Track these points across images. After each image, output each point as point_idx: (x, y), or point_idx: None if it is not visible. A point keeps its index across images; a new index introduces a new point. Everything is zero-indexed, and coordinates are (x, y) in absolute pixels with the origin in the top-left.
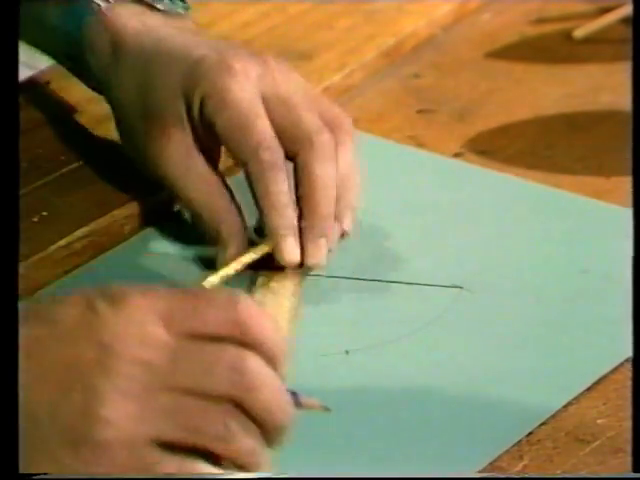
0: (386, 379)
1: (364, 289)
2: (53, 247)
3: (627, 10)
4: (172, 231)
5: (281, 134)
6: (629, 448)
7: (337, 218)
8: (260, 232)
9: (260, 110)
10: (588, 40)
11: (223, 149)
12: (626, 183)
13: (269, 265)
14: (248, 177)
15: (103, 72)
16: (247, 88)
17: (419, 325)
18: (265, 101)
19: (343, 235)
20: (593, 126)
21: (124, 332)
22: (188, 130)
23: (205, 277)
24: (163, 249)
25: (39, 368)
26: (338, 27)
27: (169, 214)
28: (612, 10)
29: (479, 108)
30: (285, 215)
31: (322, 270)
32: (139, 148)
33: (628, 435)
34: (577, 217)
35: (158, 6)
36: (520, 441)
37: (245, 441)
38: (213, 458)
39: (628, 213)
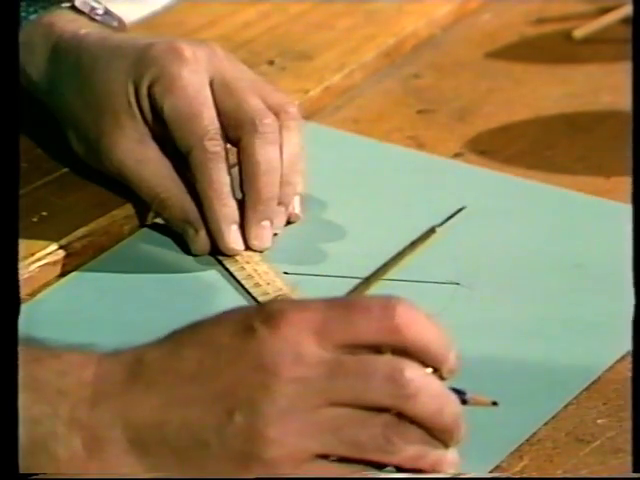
0: None
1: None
2: (53, 247)
3: (627, 10)
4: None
5: (225, 118)
6: (629, 448)
7: (282, 202)
8: None
9: (207, 98)
10: (588, 40)
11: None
12: (626, 183)
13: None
14: (191, 165)
15: (40, 74)
16: (196, 74)
17: None
18: (211, 86)
19: (291, 219)
20: (593, 126)
21: (281, 352)
22: (139, 117)
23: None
24: (164, 247)
25: (203, 390)
26: (338, 27)
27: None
28: (612, 10)
29: (479, 108)
30: (228, 205)
31: (317, 270)
32: (90, 145)
33: (628, 435)
34: (575, 214)
35: (96, 17)
36: None
37: (407, 449)
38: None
39: (625, 209)
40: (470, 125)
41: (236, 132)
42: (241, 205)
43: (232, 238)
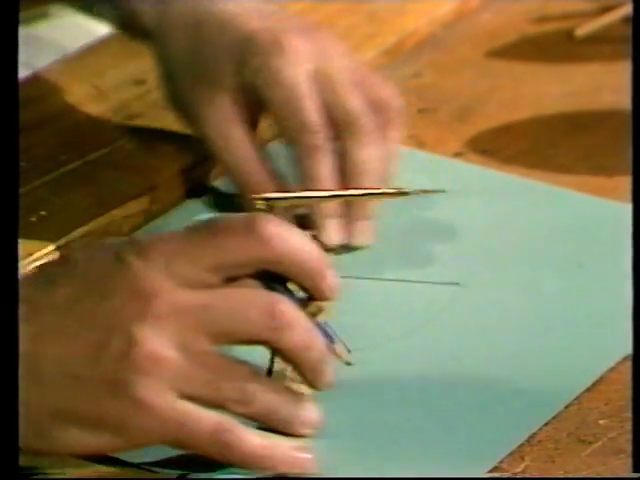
0: (385, 379)
1: (361, 288)
2: (51, 247)
3: (628, 9)
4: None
5: (327, 114)
6: (630, 449)
7: None
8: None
9: (309, 91)
10: (589, 39)
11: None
12: (628, 182)
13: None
14: (293, 157)
15: (149, 15)
16: (297, 68)
17: (417, 323)
18: (314, 80)
19: None
20: (594, 125)
21: (154, 280)
22: (233, 99)
23: None
24: None
25: (77, 323)
26: (339, 26)
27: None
28: (613, 9)
29: (480, 107)
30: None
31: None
32: (184, 103)
33: (630, 436)
34: (577, 214)
35: None
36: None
37: (260, 402)
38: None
39: (627, 209)
40: (471, 124)
41: (336, 129)
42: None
43: (331, 232)
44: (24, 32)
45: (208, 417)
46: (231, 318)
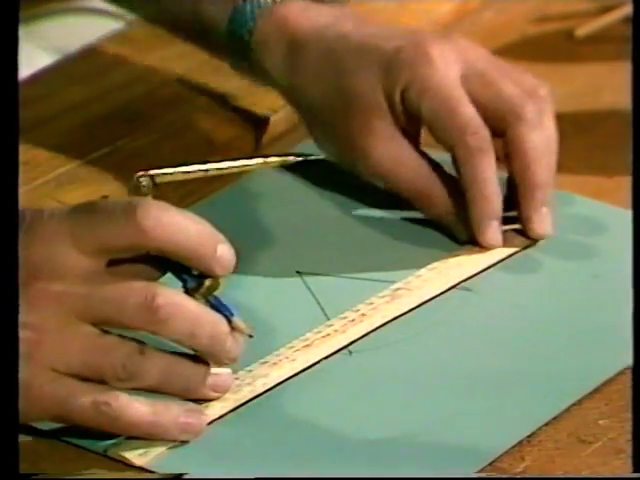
0: (389, 380)
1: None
2: None
3: (628, 9)
4: None
5: (485, 112)
6: (630, 449)
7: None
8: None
9: (462, 94)
10: (590, 39)
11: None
12: (628, 182)
13: None
14: (455, 161)
15: (279, 71)
16: (447, 73)
17: (424, 326)
18: (464, 82)
19: None
20: (595, 125)
21: (36, 263)
22: (391, 120)
23: None
24: None
25: None
26: None
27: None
28: (614, 9)
29: None
30: (492, 201)
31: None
32: (342, 146)
33: (630, 436)
34: (586, 221)
35: None
36: (521, 442)
37: (148, 379)
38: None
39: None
40: None
41: (499, 123)
42: (506, 199)
43: (492, 234)
44: (24, 32)
45: (88, 392)
46: (108, 309)
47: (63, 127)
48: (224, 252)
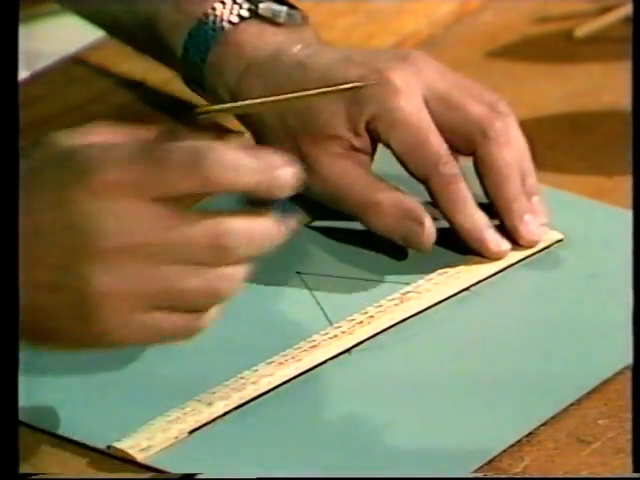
0: (388, 379)
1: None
2: None
3: (628, 9)
4: None
5: (452, 134)
6: (630, 449)
7: (529, 193)
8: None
9: (429, 122)
10: (589, 39)
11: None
12: (628, 182)
13: None
14: (430, 191)
15: (235, 96)
16: (413, 103)
17: (424, 326)
18: (428, 106)
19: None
20: (594, 125)
21: (103, 219)
22: (347, 144)
23: None
24: None
25: (25, 268)
26: (339, 26)
27: None
28: (613, 9)
29: None
30: (477, 216)
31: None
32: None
33: (629, 436)
34: (586, 221)
35: (279, 21)
36: (521, 442)
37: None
38: None
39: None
40: None
41: (467, 144)
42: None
43: (494, 241)
44: (24, 32)
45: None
46: (180, 252)
47: (63, 127)
48: (286, 177)
